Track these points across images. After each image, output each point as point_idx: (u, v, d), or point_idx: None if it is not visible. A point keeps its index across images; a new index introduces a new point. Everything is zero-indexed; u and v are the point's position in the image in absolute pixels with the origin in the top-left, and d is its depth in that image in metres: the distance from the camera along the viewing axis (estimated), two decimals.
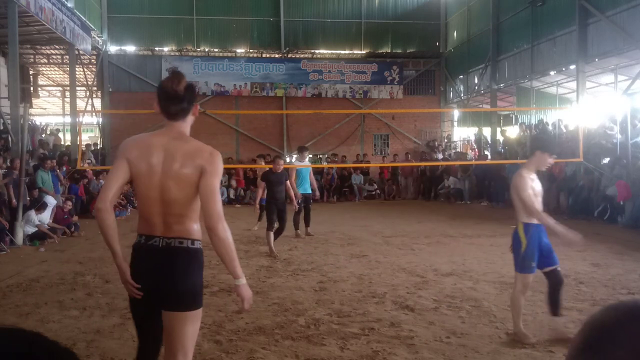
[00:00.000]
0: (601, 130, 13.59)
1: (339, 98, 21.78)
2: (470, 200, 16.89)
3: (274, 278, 6.35)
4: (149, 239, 2.41)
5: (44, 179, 11.27)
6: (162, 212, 2.38)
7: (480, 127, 20.66)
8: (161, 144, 2.39)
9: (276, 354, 3.85)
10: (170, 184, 2.35)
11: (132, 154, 2.40)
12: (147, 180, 2.38)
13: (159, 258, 2.38)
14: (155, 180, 2.36)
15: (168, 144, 2.39)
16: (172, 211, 2.37)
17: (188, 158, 2.36)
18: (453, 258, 7.52)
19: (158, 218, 2.39)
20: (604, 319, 0.67)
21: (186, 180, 2.35)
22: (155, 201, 2.38)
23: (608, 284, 5.83)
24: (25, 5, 11.62)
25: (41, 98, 24.80)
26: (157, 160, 2.36)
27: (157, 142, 2.41)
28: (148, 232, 2.43)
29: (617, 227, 10.30)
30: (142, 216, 2.47)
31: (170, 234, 2.38)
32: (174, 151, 2.37)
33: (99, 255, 8.17)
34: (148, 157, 2.37)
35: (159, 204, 2.38)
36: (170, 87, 2.41)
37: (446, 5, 22.32)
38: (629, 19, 12.06)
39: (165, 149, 2.37)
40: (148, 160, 2.37)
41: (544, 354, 3.79)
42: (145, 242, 2.42)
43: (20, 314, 4.99)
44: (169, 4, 20.85)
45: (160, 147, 2.39)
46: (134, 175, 2.41)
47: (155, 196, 2.37)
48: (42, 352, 0.64)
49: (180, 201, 2.36)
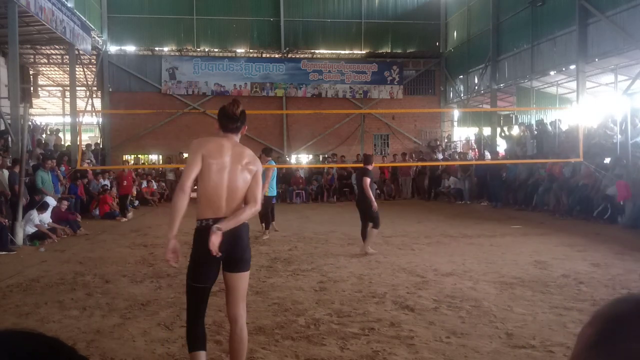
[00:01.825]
0: (601, 130, 13.59)
1: (339, 98, 21.78)
2: (470, 200, 16.89)
3: (274, 278, 6.35)
4: (217, 220, 3.00)
5: (44, 179, 11.27)
6: (227, 197, 3.07)
7: (480, 127, 20.66)
8: (230, 147, 3.13)
9: (276, 354, 3.85)
10: (237, 176, 3.08)
11: (207, 150, 3.07)
12: (218, 171, 3.05)
13: (228, 234, 3.00)
14: (225, 172, 3.06)
15: (234, 148, 3.14)
16: (235, 197, 3.09)
17: (250, 159, 3.14)
18: (453, 258, 7.52)
19: (224, 202, 3.05)
20: (617, 312, 0.64)
21: (248, 175, 3.11)
22: (223, 189, 3.05)
23: (608, 284, 5.83)
24: (25, 5, 11.63)
25: (41, 98, 24.80)
26: (227, 159, 3.08)
27: (227, 144, 3.13)
28: (215, 215, 3.03)
29: (617, 227, 10.30)
30: (208, 202, 3.06)
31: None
32: (239, 153, 3.13)
33: (99, 255, 8.17)
34: (221, 154, 3.08)
35: (225, 191, 3.06)
36: (230, 110, 3.20)
37: (446, 5, 22.32)
38: (629, 19, 12.06)
39: (232, 151, 3.12)
40: (221, 157, 3.07)
41: (544, 354, 3.79)
42: (214, 223, 2.98)
43: (20, 314, 4.99)
44: (169, 4, 20.86)
45: (229, 148, 3.12)
46: (206, 167, 3.04)
47: (224, 185, 3.06)
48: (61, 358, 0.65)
49: (242, 189, 3.11)
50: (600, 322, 0.64)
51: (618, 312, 0.64)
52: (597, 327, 0.64)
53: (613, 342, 0.61)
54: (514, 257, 7.52)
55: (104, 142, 21.07)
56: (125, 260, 7.69)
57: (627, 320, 0.62)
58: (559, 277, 6.17)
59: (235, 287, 3.15)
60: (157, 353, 3.94)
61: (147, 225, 11.93)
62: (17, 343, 0.63)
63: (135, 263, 7.46)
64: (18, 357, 0.61)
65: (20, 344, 0.63)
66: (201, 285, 3.10)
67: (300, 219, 12.90)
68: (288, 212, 13.92)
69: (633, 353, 0.59)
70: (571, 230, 10.20)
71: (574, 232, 9.85)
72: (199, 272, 3.08)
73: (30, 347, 0.63)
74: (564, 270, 6.54)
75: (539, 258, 7.33)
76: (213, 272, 3.11)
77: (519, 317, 4.62)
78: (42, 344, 0.65)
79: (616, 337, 0.61)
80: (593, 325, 0.65)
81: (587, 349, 0.64)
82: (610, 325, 0.63)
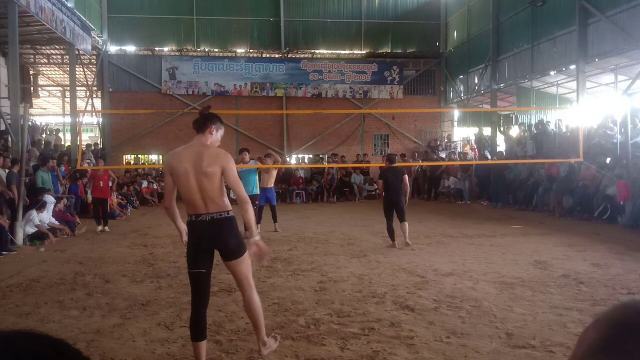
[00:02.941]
0: (601, 130, 13.59)
1: (339, 98, 21.78)
2: (470, 200, 16.88)
3: (274, 278, 6.35)
4: (199, 216, 3.49)
5: (44, 179, 11.27)
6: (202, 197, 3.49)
7: (480, 127, 20.66)
8: (190, 153, 3.50)
9: (276, 354, 3.85)
10: (201, 178, 3.46)
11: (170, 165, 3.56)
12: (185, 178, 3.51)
13: (210, 227, 3.45)
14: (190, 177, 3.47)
15: (195, 154, 3.47)
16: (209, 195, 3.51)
17: (209, 161, 3.46)
18: (453, 258, 7.52)
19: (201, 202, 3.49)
20: (623, 317, 0.65)
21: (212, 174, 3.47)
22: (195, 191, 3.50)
23: (608, 284, 5.83)
24: (25, 5, 11.62)
25: (41, 98, 24.80)
26: (187, 165, 3.47)
27: (186, 152, 3.51)
28: (196, 212, 3.49)
29: (617, 227, 10.30)
30: (188, 203, 3.52)
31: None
32: (199, 157, 3.48)
33: (99, 255, 8.18)
34: (181, 163, 3.50)
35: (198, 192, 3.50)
36: (199, 111, 3.73)
37: (446, 5, 22.32)
38: (629, 19, 12.06)
39: (193, 157, 3.47)
40: (182, 165, 3.48)
41: (544, 354, 3.78)
42: (196, 219, 3.50)
43: (20, 314, 4.99)
44: (169, 4, 20.85)
45: (189, 154, 3.50)
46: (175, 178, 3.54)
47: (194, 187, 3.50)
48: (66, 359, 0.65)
49: (211, 188, 3.46)
50: (607, 327, 0.64)
51: (625, 317, 0.64)
52: (603, 331, 0.64)
53: (622, 347, 0.62)
54: (514, 257, 7.52)
55: (104, 142, 21.07)
56: (125, 260, 7.69)
57: (634, 325, 0.63)
58: (559, 277, 6.17)
59: (234, 272, 3.60)
60: (157, 353, 3.94)
61: (147, 225, 11.93)
62: (20, 344, 0.63)
63: (135, 263, 7.46)
64: (21, 358, 0.61)
65: (24, 345, 0.63)
66: (194, 271, 3.48)
67: (300, 219, 12.90)
68: (288, 212, 13.92)
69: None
70: (571, 230, 10.20)
71: (574, 232, 9.85)
72: (190, 258, 3.49)
73: (34, 348, 0.63)
74: (564, 270, 6.54)
75: (539, 258, 7.33)
76: (203, 259, 3.47)
77: (519, 317, 4.62)
78: (46, 345, 0.65)
79: (625, 342, 0.62)
80: (597, 329, 0.65)
81: (592, 354, 0.64)
82: (617, 330, 0.63)
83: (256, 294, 3.69)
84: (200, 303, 3.50)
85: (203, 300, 3.52)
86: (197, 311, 3.49)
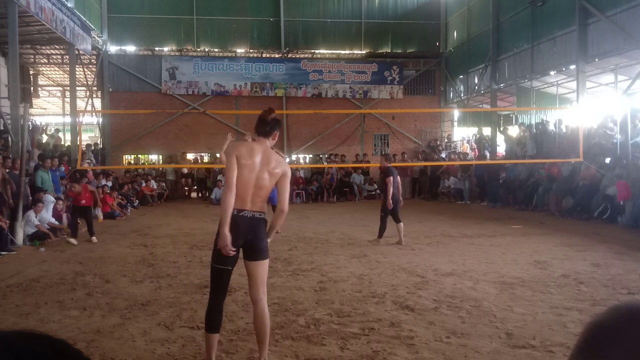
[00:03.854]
0: (601, 130, 13.59)
1: (339, 98, 21.78)
2: (470, 200, 16.89)
3: (274, 278, 6.35)
4: (240, 211, 3.50)
5: (43, 179, 11.27)
6: (253, 194, 3.53)
7: (480, 127, 20.66)
8: (259, 150, 3.53)
9: (276, 354, 3.85)
10: (263, 176, 3.51)
11: (239, 152, 3.50)
12: (248, 171, 3.48)
13: (246, 227, 3.47)
14: (253, 172, 3.49)
15: (264, 152, 3.54)
16: (260, 194, 3.54)
17: (276, 164, 3.54)
18: (453, 258, 7.52)
19: (249, 198, 3.51)
20: (604, 320, 0.68)
21: (273, 177, 3.54)
22: (250, 186, 3.50)
23: (608, 284, 5.83)
24: (25, 5, 11.62)
25: (41, 98, 24.79)
26: (257, 160, 3.50)
27: (257, 148, 3.53)
28: (239, 207, 3.50)
29: (617, 227, 10.30)
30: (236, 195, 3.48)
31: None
32: (268, 157, 3.53)
33: (99, 255, 8.18)
34: (251, 156, 3.50)
35: (252, 188, 3.51)
36: (264, 115, 3.65)
37: (446, 5, 22.32)
38: (629, 19, 12.06)
39: (262, 154, 3.52)
40: (251, 158, 3.49)
41: (544, 354, 3.79)
42: (238, 214, 3.49)
43: (20, 314, 4.99)
44: (169, 4, 20.85)
45: (259, 152, 3.52)
46: (239, 167, 3.47)
47: (252, 183, 3.50)
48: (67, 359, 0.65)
49: (266, 188, 3.54)
50: (588, 330, 0.69)
51: (605, 321, 0.68)
52: (585, 334, 0.68)
53: (597, 349, 0.65)
54: (514, 257, 7.52)
55: (104, 142, 21.07)
56: (125, 260, 7.69)
57: (611, 328, 0.66)
58: (559, 277, 6.17)
59: (254, 274, 3.54)
60: (157, 353, 3.94)
61: (147, 225, 11.93)
62: (20, 344, 0.63)
63: (135, 263, 7.46)
64: (21, 358, 0.61)
65: (24, 345, 0.63)
66: (221, 267, 3.49)
67: (300, 219, 12.90)
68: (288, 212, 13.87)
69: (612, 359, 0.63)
70: (571, 230, 10.20)
71: (574, 232, 9.85)
72: (220, 255, 3.45)
73: (34, 348, 0.63)
74: (564, 270, 6.54)
75: (539, 258, 7.33)
76: (231, 257, 3.45)
77: (519, 317, 4.62)
78: (46, 345, 0.65)
79: (600, 343, 0.66)
80: (583, 333, 0.69)
81: (574, 354, 0.68)
82: (595, 333, 0.67)
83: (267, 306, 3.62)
84: (221, 297, 3.55)
85: (223, 295, 3.57)
86: (217, 304, 3.53)
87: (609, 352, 0.64)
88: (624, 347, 0.63)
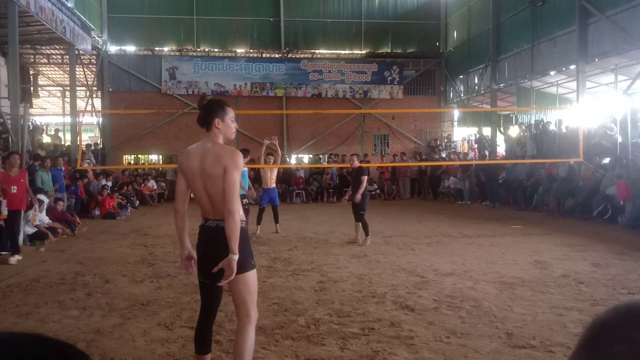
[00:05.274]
0: (601, 130, 13.59)
1: (339, 98, 21.78)
2: (470, 200, 16.88)
3: (274, 278, 6.35)
4: (207, 220, 3.19)
5: (43, 179, 11.26)
6: (211, 201, 3.15)
7: (480, 127, 20.66)
8: (197, 152, 3.14)
9: (276, 354, 3.85)
10: (207, 180, 3.10)
11: (180, 164, 3.22)
12: (192, 179, 3.18)
13: (205, 242, 3.16)
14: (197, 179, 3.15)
15: (202, 152, 3.12)
16: (217, 198, 3.09)
17: (212, 160, 3.08)
18: (453, 258, 7.52)
19: (209, 206, 3.16)
20: (606, 318, 0.70)
21: (216, 176, 3.07)
22: (203, 194, 3.18)
23: (608, 284, 5.83)
24: (25, 5, 11.62)
25: (41, 98, 24.79)
26: (195, 165, 3.13)
27: (194, 151, 3.16)
28: (205, 216, 3.19)
29: (617, 227, 10.30)
30: (199, 206, 3.23)
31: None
32: (204, 155, 3.11)
33: (99, 255, 8.17)
34: (189, 163, 3.15)
35: (205, 195, 3.17)
36: (198, 105, 3.32)
37: (446, 5, 22.32)
38: (629, 19, 12.06)
39: (200, 156, 3.11)
40: (189, 166, 3.15)
41: (544, 354, 3.78)
42: (204, 223, 3.20)
43: (20, 314, 4.99)
44: (169, 4, 20.85)
45: (197, 154, 3.13)
46: (186, 179, 3.20)
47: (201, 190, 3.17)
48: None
49: (218, 191, 3.07)
50: (589, 328, 0.71)
51: (605, 319, 0.70)
52: (586, 332, 0.71)
53: (597, 346, 0.68)
54: (514, 257, 7.52)
55: (104, 142, 21.07)
56: (125, 260, 7.68)
57: (611, 325, 0.68)
58: (559, 277, 6.17)
59: (231, 290, 3.11)
60: (157, 353, 3.94)
61: (147, 225, 11.93)
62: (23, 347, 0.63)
63: (135, 263, 7.46)
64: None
65: (26, 348, 0.63)
66: (200, 280, 3.22)
67: (300, 219, 12.90)
68: (288, 212, 13.91)
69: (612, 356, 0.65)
70: (571, 230, 10.20)
71: (574, 232, 9.85)
72: (198, 266, 3.21)
73: (37, 351, 0.63)
74: (564, 270, 6.54)
75: (539, 258, 7.33)
76: (207, 270, 3.07)
77: (519, 317, 4.62)
78: (48, 348, 0.64)
79: (600, 341, 0.68)
80: (584, 331, 0.72)
81: (577, 353, 0.70)
82: (596, 331, 0.69)
83: (253, 330, 3.10)
84: (205, 314, 3.24)
85: (207, 312, 3.24)
86: (201, 322, 3.24)
87: (610, 348, 0.65)
88: (625, 343, 0.65)
